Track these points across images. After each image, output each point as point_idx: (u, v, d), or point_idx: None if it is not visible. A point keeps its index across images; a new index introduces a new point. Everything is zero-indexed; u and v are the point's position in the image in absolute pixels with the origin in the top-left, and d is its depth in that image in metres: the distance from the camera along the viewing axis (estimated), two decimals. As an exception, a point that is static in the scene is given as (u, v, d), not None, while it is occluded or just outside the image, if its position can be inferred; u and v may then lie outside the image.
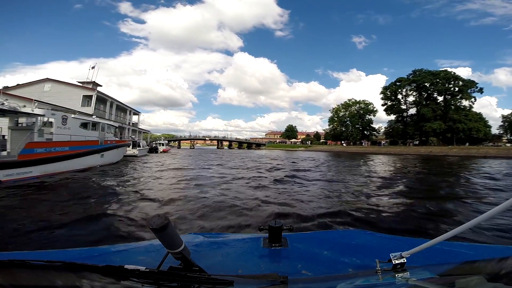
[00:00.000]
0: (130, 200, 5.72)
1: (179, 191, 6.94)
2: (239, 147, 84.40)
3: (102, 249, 1.25)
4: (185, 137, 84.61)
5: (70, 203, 5.42)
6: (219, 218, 4.40)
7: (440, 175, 11.64)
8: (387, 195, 6.72)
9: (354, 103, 68.44)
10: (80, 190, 7.12)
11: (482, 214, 0.64)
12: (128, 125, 34.93)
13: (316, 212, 4.74)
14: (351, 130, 67.38)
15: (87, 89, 25.14)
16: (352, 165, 18.03)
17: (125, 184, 8.06)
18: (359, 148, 58.06)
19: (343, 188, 7.64)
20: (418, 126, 52.50)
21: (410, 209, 5.12)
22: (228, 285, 0.73)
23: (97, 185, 7.85)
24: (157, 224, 0.69)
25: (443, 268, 0.89)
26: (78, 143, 11.79)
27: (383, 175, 11.31)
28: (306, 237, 1.47)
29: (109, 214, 4.55)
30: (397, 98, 59.15)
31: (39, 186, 7.47)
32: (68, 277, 0.77)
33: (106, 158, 14.35)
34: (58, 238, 3.40)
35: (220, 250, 1.20)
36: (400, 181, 9.42)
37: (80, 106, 23.82)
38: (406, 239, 1.42)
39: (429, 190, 7.69)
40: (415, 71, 55.60)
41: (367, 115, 66.86)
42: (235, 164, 17.69)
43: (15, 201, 5.67)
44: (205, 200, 5.73)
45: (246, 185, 8.09)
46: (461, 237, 0.98)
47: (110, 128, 16.34)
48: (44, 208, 5.00)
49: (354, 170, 14.09)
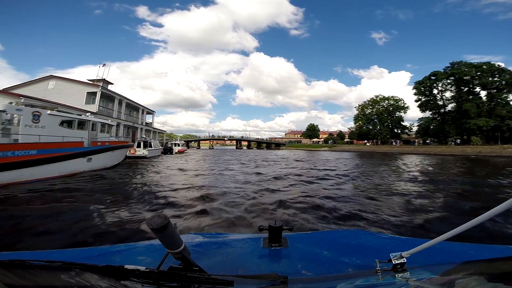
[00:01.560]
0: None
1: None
2: (258, 147, 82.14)
3: (102, 249, 1.24)
4: (205, 137, 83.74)
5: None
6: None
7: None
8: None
9: (382, 99, 62.83)
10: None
11: (482, 214, 0.64)
12: (141, 124, 33.22)
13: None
14: (380, 129, 61.78)
15: (92, 85, 23.45)
16: (419, 169, 14.32)
17: (82, 209, 5.39)
18: (391, 147, 52.17)
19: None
20: (460, 123, 46.56)
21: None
22: (228, 285, 0.72)
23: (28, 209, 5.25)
24: (157, 224, 0.68)
25: (443, 268, 0.88)
26: (52, 145, 9.42)
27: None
28: (306, 237, 1.45)
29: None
30: (432, 94, 53.20)
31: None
32: (68, 277, 0.74)
33: (96, 163, 11.98)
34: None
35: (220, 250, 1.16)
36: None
37: (84, 103, 22.16)
38: (406, 239, 1.42)
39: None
40: (453, 64, 49.49)
41: (397, 112, 61.13)
42: (259, 165, 14.71)
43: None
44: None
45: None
46: (461, 237, 0.77)
47: (106, 127, 14.05)
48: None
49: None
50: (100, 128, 13.19)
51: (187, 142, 78.40)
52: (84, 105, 21.91)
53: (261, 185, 8.17)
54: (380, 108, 62.21)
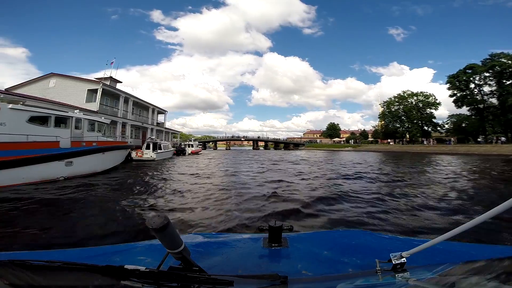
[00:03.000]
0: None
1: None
2: (275, 147, 79.14)
3: (102, 249, 1.22)
4: (222, 137, 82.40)
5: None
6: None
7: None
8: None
9: (411, 95, 57.78)
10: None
11: (482, 214, 0.64)
12: (151, 124, 31.52)
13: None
14: (408, 127, 56.84)
15: (93, 82, 21.79)
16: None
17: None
18: (426, 147, 46.99)
19: None
20: (505, 120, 41.15)
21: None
22: (228, 285, 0.72)
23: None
24: (157, 224, 0.67)
25: (443, 268, 0.87)
26: (6, 146, 7.27)
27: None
28: (306, 237, 1.42)
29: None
30: (469, 88, 47.76)
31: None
32: (68, 277, 0.74)
33: (80, 167, 9.85)
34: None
35: (220, 250, 1.14)
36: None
37: (85, 102, 20.54)
38: (406, 239, 1.41)
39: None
40: (492, 55, 44.05)
41: (427, 109, 55.88)
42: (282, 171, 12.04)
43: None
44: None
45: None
46: (461, 237, 0.78)
47: (97, 126, 11.94)
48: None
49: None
50: (88, 126, 11.08)
51: (204, 143, 77.63)
52: (84, 103, 20.27)
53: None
54: (408, 105, 57.27)
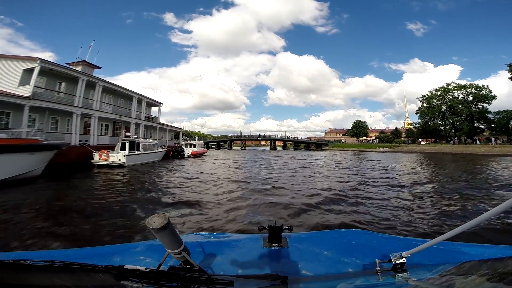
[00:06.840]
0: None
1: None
2: (295, 147, 69.43)
3: (102, 249, 1.21)
4: (236, 137, 73.17)
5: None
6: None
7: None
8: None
9: (457, 87, 48.07)
10: None
11: (482, 214, 0.63)
12: (136, 118, 24.34)
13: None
14: (457, 124, 47.58)
15: (29, 60, 15.02)
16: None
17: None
18: (493, 147, 35.82)
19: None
20: None
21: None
22: (228, 285, 0.71)
23: None
24: (157, 224, 0.67)
25: (443, 268, 0.86)
26: None
27: None
28: (306, 237, 1.37)
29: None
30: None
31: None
32: (68, 277, 0.73)
33: None
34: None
35: (220, 250, 1.11)
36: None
37: (18, 85, 14.04)
38: (406, 239, 1.39)
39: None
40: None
41: (479, 103, 45.96)
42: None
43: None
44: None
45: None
46: (461, 237, 0.81)
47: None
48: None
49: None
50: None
51: (218, 142, 69.71)
52: (17, 87, 14.03)
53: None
54: (455, 99, 47.60)
